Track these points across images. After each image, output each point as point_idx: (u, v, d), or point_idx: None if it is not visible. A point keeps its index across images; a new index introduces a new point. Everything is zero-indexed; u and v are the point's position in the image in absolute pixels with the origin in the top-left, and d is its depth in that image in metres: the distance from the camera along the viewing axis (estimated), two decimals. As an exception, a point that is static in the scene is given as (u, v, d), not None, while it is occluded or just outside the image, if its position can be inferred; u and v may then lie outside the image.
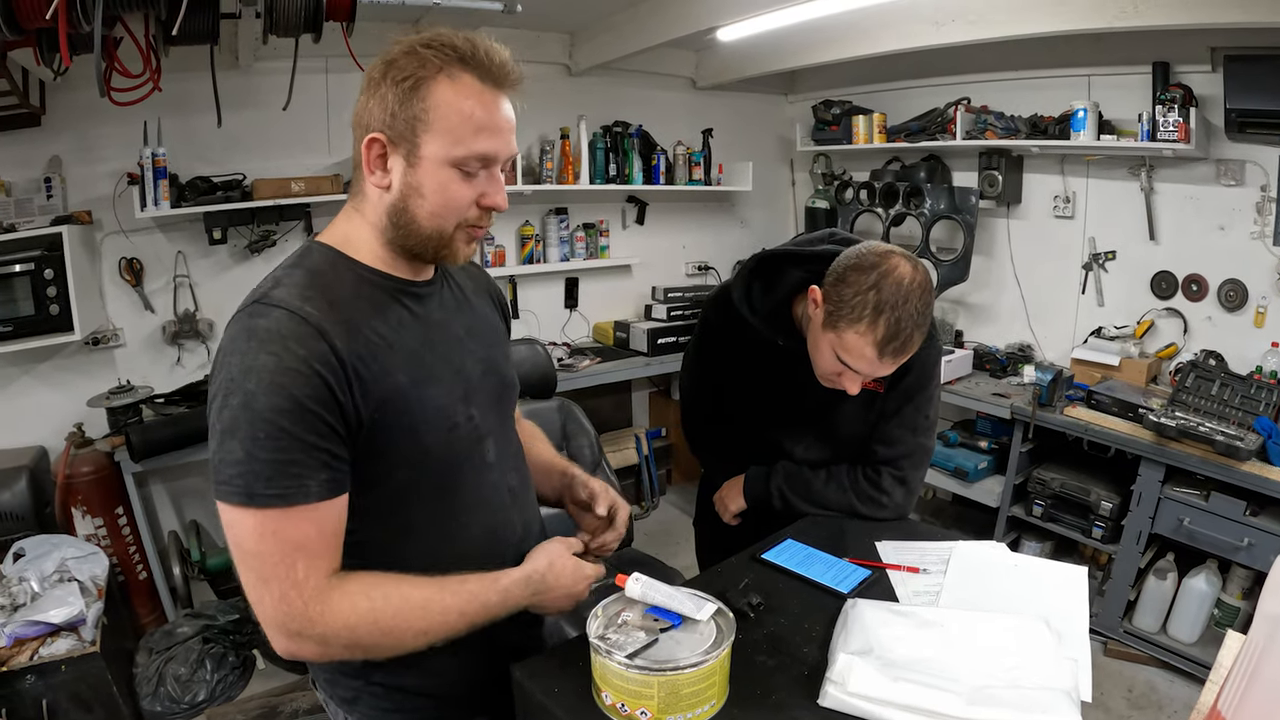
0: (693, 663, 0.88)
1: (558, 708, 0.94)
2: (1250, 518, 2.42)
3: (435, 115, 0.87)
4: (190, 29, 2.10)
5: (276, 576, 0.85)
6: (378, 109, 0.89)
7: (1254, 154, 2.70)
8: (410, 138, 0.88)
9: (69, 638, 2.15)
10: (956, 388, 3.16)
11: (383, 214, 0.93)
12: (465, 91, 0.88)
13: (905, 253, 1.27)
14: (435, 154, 0.89)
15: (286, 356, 0.84)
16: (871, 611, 1.09)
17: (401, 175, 0.90)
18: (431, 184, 0.90)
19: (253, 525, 0.84)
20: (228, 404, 0.83)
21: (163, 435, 2.48)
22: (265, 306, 0.87)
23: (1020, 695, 0.92)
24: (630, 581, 0.99)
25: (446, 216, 0.92)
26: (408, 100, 0.87)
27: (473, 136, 0.89)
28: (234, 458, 0.83)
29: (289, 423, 0.83)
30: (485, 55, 0.89)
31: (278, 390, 0.83)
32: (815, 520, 1.49)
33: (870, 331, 1.22)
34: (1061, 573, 1.28)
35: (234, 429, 0.83)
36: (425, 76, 0.87)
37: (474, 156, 0.90)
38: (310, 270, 0.92)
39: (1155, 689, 2.64)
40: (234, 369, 0.84)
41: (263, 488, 0.83)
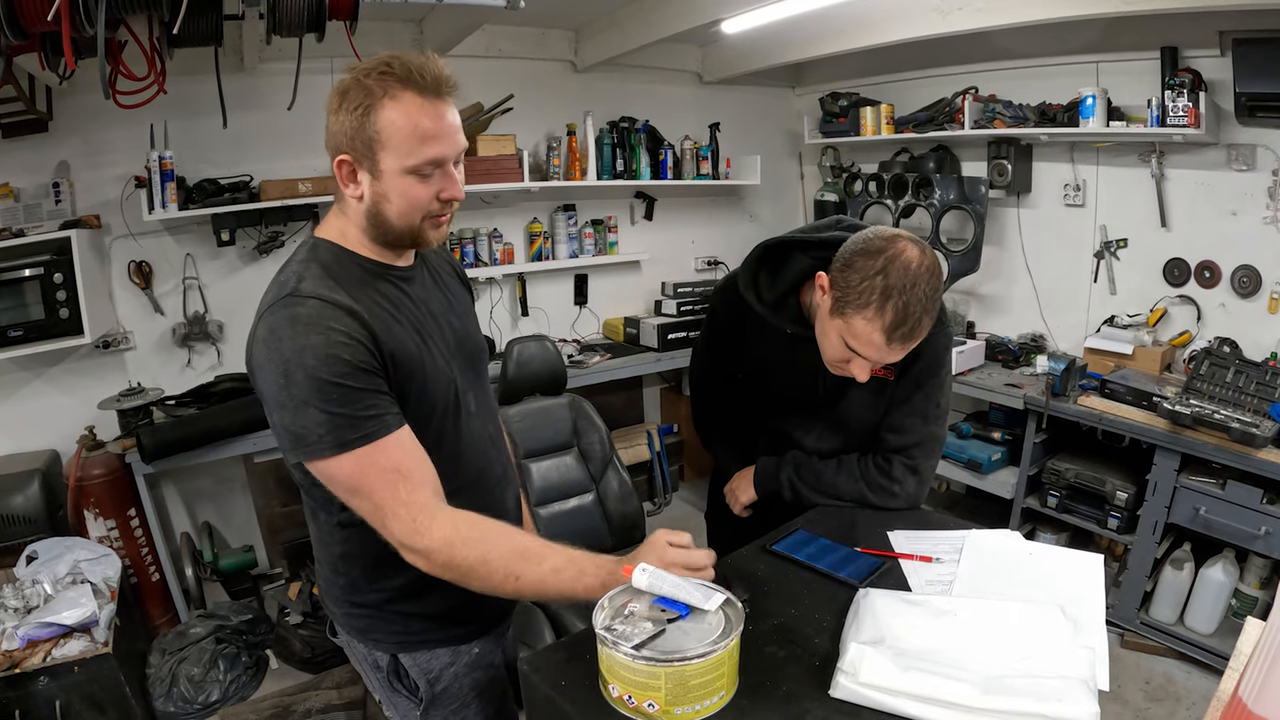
0: (700, 653, 0.86)
1: (565, 700, 0.93)
2: (1267, 505, 2.38)
3: (386, 135, 1.01)
4: (193, 30, 2.10)
5: (386, 501, 1.01)
6: (340, 133, 1.03)
7: (1265, 138, 2.66)
8: (370, 155, 1.02)
9: (82, 639, 2.17)
10: (969, 379, 3.13)
11: (361, 217, 1.09)
12: (408, 108, 1.01)
13: (913, 237, 1.25)
14: (393, 166, 1.03)
15: (333, 334, 0.99)
16: (883, 601, 1.08)
17: (369, 186, 1.05)
18: (395, 191, 1.04)
19: (352, 466, 1.00)
20: (292, 381, 0.97)
21: (174, 436, 2.49)
22: (299, 298, 1.01)
23: (1035, 684, 0.90)
24: (637, 572, 0.98)
25: (412, 214, 1.07)
26: (361, 125, 1.01)
27: (421, 146, 1.02)
28: (316, 420, 0.98)
29: (353, 381, 0.99)
30: (419, 73, 1.01)
31: (335, 360, 0.98)
32: (826, 511, 1.47)
33: (878, 317, 1.20)
34: (1077, 561, 1.27)
35: (307, 399, 0.97)
36: (372, 104, 1.00)
37: (425, 163, 1.03)
38: (323, 264, 1.07)
39: (1173, 681, 2.61)
40: (287, 352, 0.98)
41: (350, 434, 0.99)
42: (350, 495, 1.03)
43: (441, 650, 1.24)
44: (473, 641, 1.27)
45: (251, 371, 1.04)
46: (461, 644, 1.25)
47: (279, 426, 1.02)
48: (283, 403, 0.98)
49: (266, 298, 1.06)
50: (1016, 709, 0.86)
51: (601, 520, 2.75)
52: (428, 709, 1.24)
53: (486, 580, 1.03)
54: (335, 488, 1.04)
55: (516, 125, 3.27)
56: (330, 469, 1.01)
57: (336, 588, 1.22)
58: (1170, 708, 2.49)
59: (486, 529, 1.05)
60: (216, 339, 2.95)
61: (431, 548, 1.02)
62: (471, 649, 1.26)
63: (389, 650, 1.23)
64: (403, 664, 1.23)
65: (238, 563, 2.79)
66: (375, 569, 1.16)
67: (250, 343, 1.04)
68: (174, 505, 2.99)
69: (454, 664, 1.25)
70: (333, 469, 1.01)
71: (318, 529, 1.21)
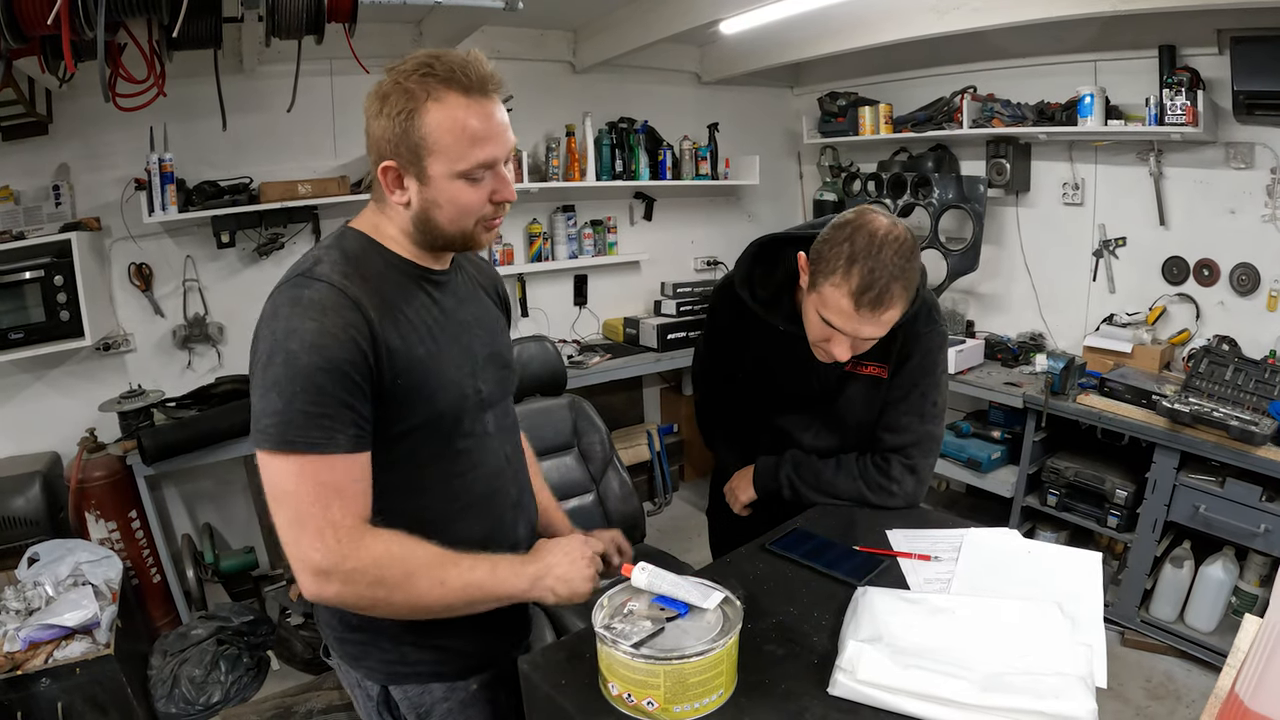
0: (699, 651, 0.87)
1: (565, 700, 0.93)
2: (1267, 503, 2.39)
3: (433, 140, 0.96)
4: (193, 33, 2.11)
5: (312, 515, 0.94)
6: (383, 138, 0.98)
7: (1263, 136, 2.66)
8: (416, 161, 0.98)
9: (83, 641, 2.17)
10: (968, 377, 3.13)
11: (408, 222, 1.04)
12: (454, 110, 0.96)
13: (885, 211, 1.28)
14: (442, 172, 0.98)
15: (327, 323, 0.94)
16: (882, 599, 1.09)
17: (417, 192, 1.00)
18: (445, 196, 1.00)
19: (287, 469, 0.93)
20: (271, 362, 0.93)
21: (174, 438, 2.49)
22: (309, 279, 0.97)
23: (1033, 681, 0.90)
24: (636, 571, 0.99)
25: (465, 219, 1.03)
26: (406, 130, 0.96)
27: (470, 149, 0.97)
28: (273, 408, 0.93)
29: (325, 380, 0.93)
30: (463, 72, 0.96)
31: (317, 350, 0.93)
32: (825, 510, 1.47)
33: (844, 282, 1.22)
34: (1075, 558, 1.27)
35: (276, 384, 0.93)
36: (415, 107, 0.95)
37: (476, 166, 0.98)
38: (346, 252, 1.02)
39: (1173, 679, 2.61)
40: (279, 332, 0.94)
41: (296, 434, 0.92)
42: (273, 500, 0.95)
43: (436, 685, 1.16)
44: (472, 677, 1.18)
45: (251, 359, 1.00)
46: (459, 679, 1.17)
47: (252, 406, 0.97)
48: (255, 381, 0.95)
49: (282, 277, 1.02)
50: (1014, 706, 0.86)
51: (602, 520, 2.75)
52: None
53: (414, 597, 0.98)
54: (265, 484, 0.96)
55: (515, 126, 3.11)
56: (264, 462, 0.94)
57: (328, 611, 1.15)
58: (1171, 706, 2.50)
59: (409, 543, 0.98)
60: (217, 341, 2.96)
61: (357, 570, 0.94)
62: (470, 684, 1.18)
63: (379, 681, 1.16)
64: (393, 696, 1.17)
65: (239, 564, 2.79)
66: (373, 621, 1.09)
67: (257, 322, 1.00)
68: (175, 507, 2.99)
69: (448, 700, 1.17)
70: (267, 463, 0.94)
71: None
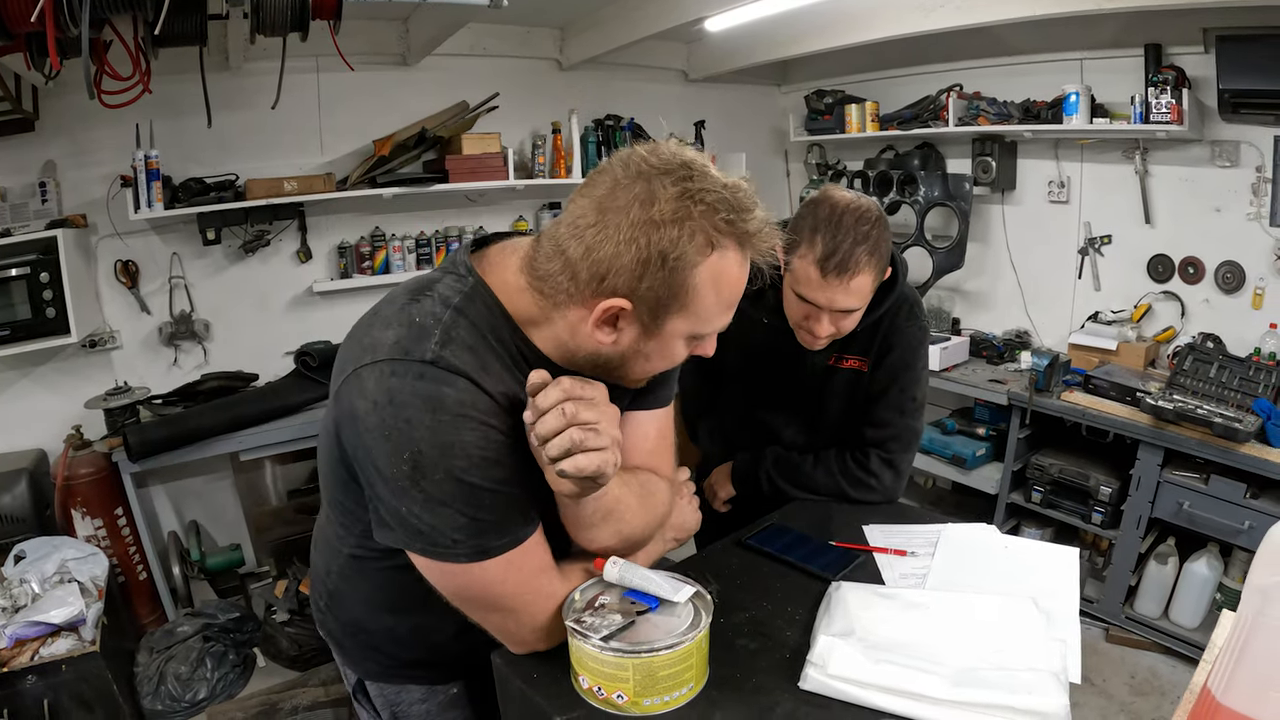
0: (668, 645, 0.87)
1: (536, 693, 0.94)
2: (1251, 500, 2.40)
3: (693, 298, 0.82)
4: (177, 30, 2.11)
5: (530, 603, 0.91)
6: (627, 268, 0.79)
7: (1248, 134, 2.68)
8: (658, 314, 0.83)
9: (69, 638, 2.16)
10: (953, 374, 3.15)
11: (589, 349, 0.87)
12: (725, 276, 0.82)
13: (849, 189, 1.33)
14: (677, 330, 0.85)
15: (491, 433, 0.83)
16: (855, 594, 1.09)
17: (634, 340, 0.86)
18: (662, 351, 0.87)
19: (494, 574, 0.86)
20: (426, 476, 0.80)
21: (159, 435, 2.49)
22: (445, 373, 0.81)
23: (1006, 676, 0.91)
24: (608, 565, 0.99)
25: (653, 371, 0.91)
26: (669, 281, 0.80)
27: (719, 316, 0.86)
28: (455, 524, 0.82)
29: (507, 488, 0.84)
30: (745, 222, 0.81)
31: (491, 464, 0.82)
32: (803, 505, 1.48)
33: (809, 251, 1.26)
34: (1052, 554, 1.28)
35: (448, 500, 0.81)
36: (695, 261, 0.79)
37: (713, 332, 0.88)
38: (476, 326, 0.85)
39: (1157, 675, 2.63)
40: (423, 442, 0.79)
41: (496, 540, 0.85)
42: (479, 608, 0.90)
43: (414, 687, 1.14)
44: (452, 682, 1.15)
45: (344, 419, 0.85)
46: (438, 683, 1.14)
47: (392, 510, 0.84)
48: (406, 490, 0.81)
49: (385, 332, 0.84)
50: (987, 701, 0.87)
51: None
52: None
53: None
54: (460, 596, 0.90)
55: (502, 123, 3.26)
56: (463, 578, 0.86)
57: (323, 597, 1.13)
58: (1155, 701, 2.51)
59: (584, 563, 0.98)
60: (203, 338, 2.95)
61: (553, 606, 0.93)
62: (450, 689, 1.15)
63: (356, 672, 1.16)
64: (368, 689, 1.15)
65: (225, 561, 2.79)
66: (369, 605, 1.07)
67: (351, 380, 0.83)
68: (162, 504, 2.98)
69: (426, 701, 1.14)
70: (467, 579, 0.86)
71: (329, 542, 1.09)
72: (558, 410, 0.80)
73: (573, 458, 0.80)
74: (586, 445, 0.81)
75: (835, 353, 1.50)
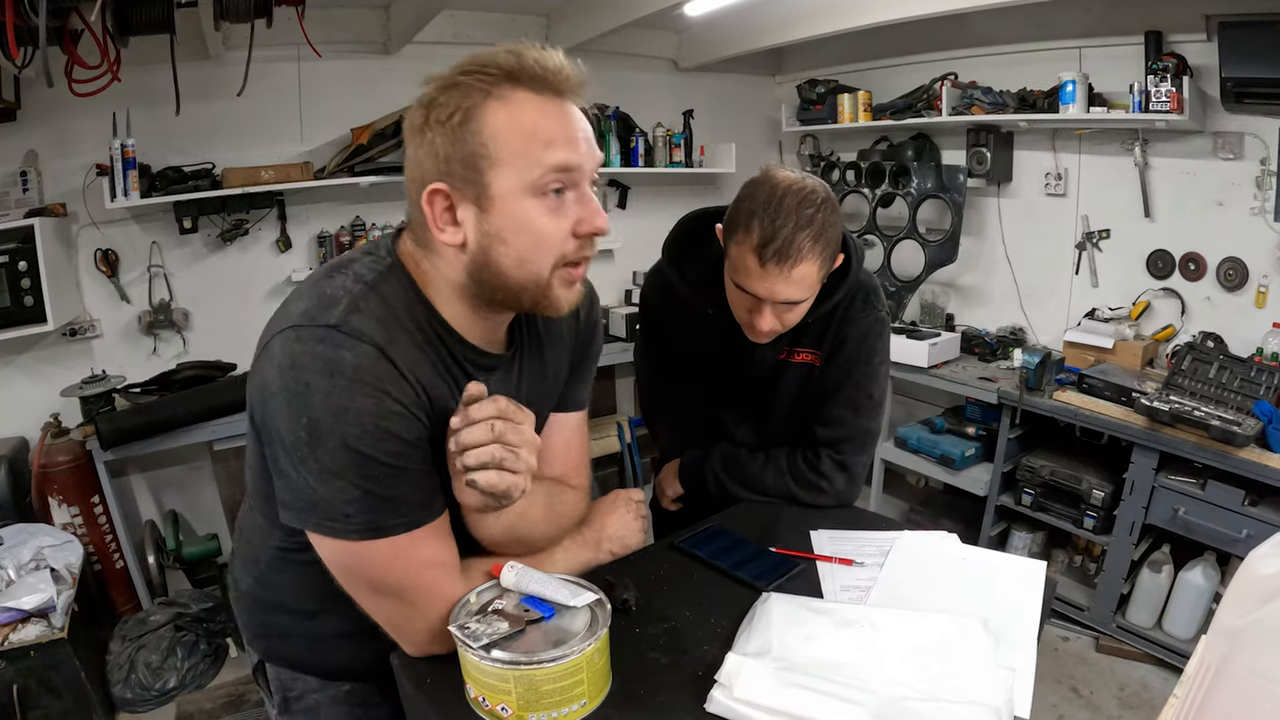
0: (551, 658, 0.82)
1: (426, 700, 0.90)
2: (1249, 507, 2.31)
3: (496, 144, 0.78)
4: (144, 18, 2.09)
5: (422, 599, 0.88)
6: (428, 158, 0.80)
7: (1252, 125, 2.57)
8: (475, 178, 0.79)
9: (39, 624, 2.17)
10: (943, 372, 3.07)
11: (462, 272, 0.85)
12: (522, 110, 0.79)
13: (794, 169, 1.23)
14: (508, 187, 0.79)
15: (387, 401, 0.79)
16: (783, 607, 1.01)
17: (476, 225, 0.81)
18: (513, 224, 0.81)
19: (384, 555, 0.84)
20: (321, 445, 0.78)
21: (132, 424, 2.48)
22: (346, 338, 0.78)
23: (937, 709, 0.83)
24: (505, 569, 0.94)
25: (539, 259, 0.83)
26: (460, 137, 0.78)
27: (544, 151, 0.79)
28: (348, 497, 0.80)
29: (403, 461, 0.82)
30: (535, 64, 0.79)
31: (385, 435, 0.79)
32: (751, 507, 1.41)
33: (747, 238, 1.17)
34: (1016, 568, 1.17)
35: (340, 471, 0.79)
36: (473, 106, 0.78)
37: (552, 172, 0.80)
38: (388, 301, 0.84)
39: (1149, 687, 2.54)
40: (318, 408, 0.77)
41: (389, 519, 0.82)
42: (368, 591, 0.87)
43: (310, 678, 1.10)
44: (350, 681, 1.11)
45: (254, 390, 0.84)
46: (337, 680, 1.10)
47: (289, 479, 0.82)
48: (304, 462, 0.79)
49: (298, 304, 0.83)
50: (910, 738, 0.79)
51: (563, 513, 2.73)
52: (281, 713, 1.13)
53: None
54: (348, 577, 0.87)
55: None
56: (352, 556, 0.83)
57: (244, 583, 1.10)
58: (1145, 715, 2.43)
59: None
60: (182, 327, 2.94)
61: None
62: (341, 685, 1.11)
63: (258, 652, 1.13)
64: (267, 670, 1.13)
65: (201, 551, 2.79)
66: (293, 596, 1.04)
67: (261, 353, 0.82)
68: (141, 493, 2.99)
69: (318, 691, 1.11)
70: (356, 557, 0.83)
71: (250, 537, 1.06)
72: (486, 425, 0.81)
73: (486, 472, 0.81)
74: (504, 465, 0.82)
75: (786, 346, 1.42)
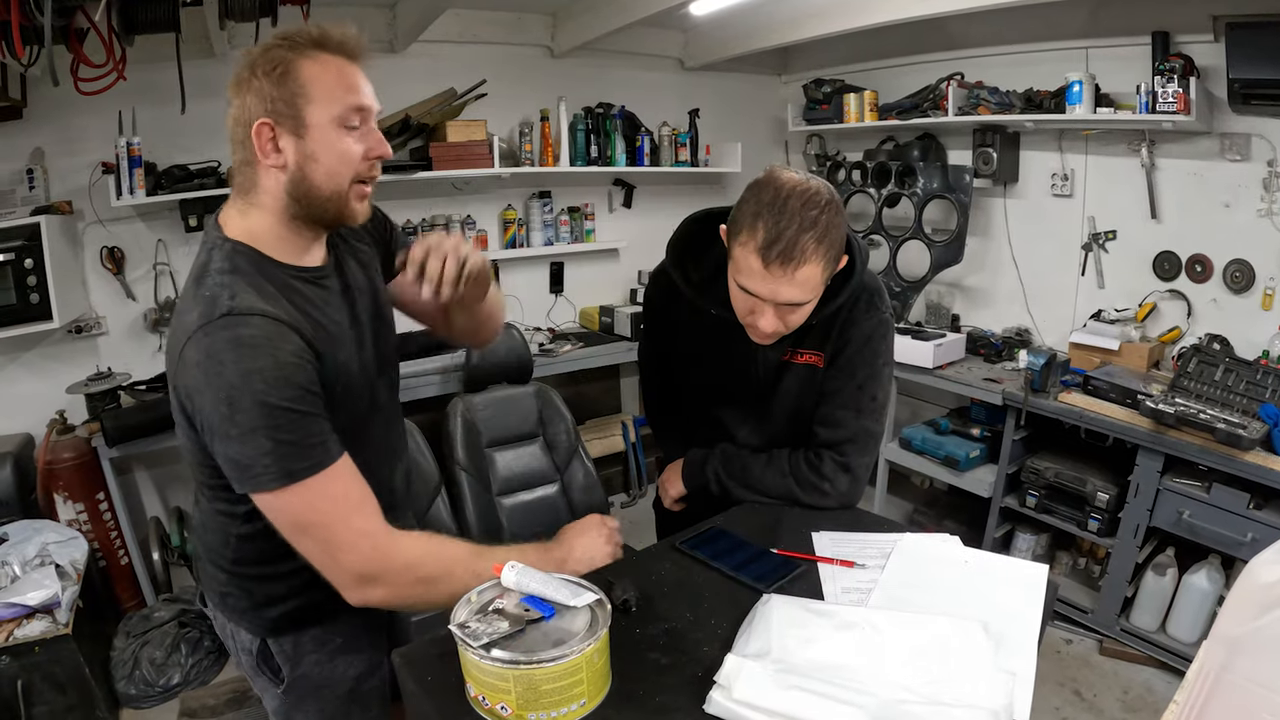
0: (551, 658, 0.82)
1: (426, 698, 0.90)
2: (1254, 511, 2.29)
3: (311, 87, 1.00)
4: (149, 17, 2.10)
5: (339, 532, 1.00)
6: (255, 102, 1.00)
7: (1260, 127, 2.55)
8: (294, 113, 1.00)
9: (44, 620, 2.18)
10: (947, 373, 3.06)
11: (282, 193, 1.03)
12: (328, 65, 1.02)
13: (798, 170, 1.22)
14: (320, 118, 1.01)
15: (281, 354, 0.96)
16: (783, 609, 1.00)
17: (294, 148, 1.01)
18: (323, 146, 1.02)
19: (302, 498, 0.97)
20: (238, 408, 0.93)
21: (137, 421, 2.49)
22: (240, 317, 0.95)
23: (937, 713, 0.82)
24: (506, 569, 0.95)
25: (342, 173, 1.04)
26: (282, 83, 0.99)
27: (346, 94, 1.02)
28: (263, 450, 0.94)
29: (302, 405, 0.97)
30: (335, 34, 1.03)
31: (285, 384, 0.95)
32: (753, 508, 1.40)
33: (751, 239, 1.16)
34: (1018, 571, 1.16)
35: (255, 428, 0.93)
36: (291, 59, 1.00)
37: (352, 109, 1.02)
38: (247, 275, 1.01)
39: (1152, 691, 2.53)
40: (232, 377, 0.93)
41: (298, 463, 0.96)
42: (297, 533, 0.99)
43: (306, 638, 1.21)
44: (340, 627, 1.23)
45: (183, 395, 0.97)
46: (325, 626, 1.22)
47: (223, 457, 0.97)
48: (228, 432, 0.94)
49: (190, 314, 0.97)
50: (907, 740, 0.78)
51: (566, 511, 2.74)
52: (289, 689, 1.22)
53: (450, 588, 1.00)
54: (281, 522, 1.00)
55: (491, 111, 3.23)
56: (277, 503, 0.97)
57: (211, 565, 1.20)
58: (1148, 718, 2.42)
59: (440, 540, 1.07)
60: (188, 325, 2.96)
61: (397, 569, 1.02)
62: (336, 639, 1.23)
63: (259, 634, 1.20)
64: (270, 648, 1.21)
65: (206, 548, 2.79)
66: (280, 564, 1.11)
67: (178, 364, 0.97)
68: (147, 490, 3.00)
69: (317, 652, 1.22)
70: (281, 501, 0.97)
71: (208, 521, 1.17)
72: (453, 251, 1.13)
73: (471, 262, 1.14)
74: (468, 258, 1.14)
75: (790, 347, 1.42)
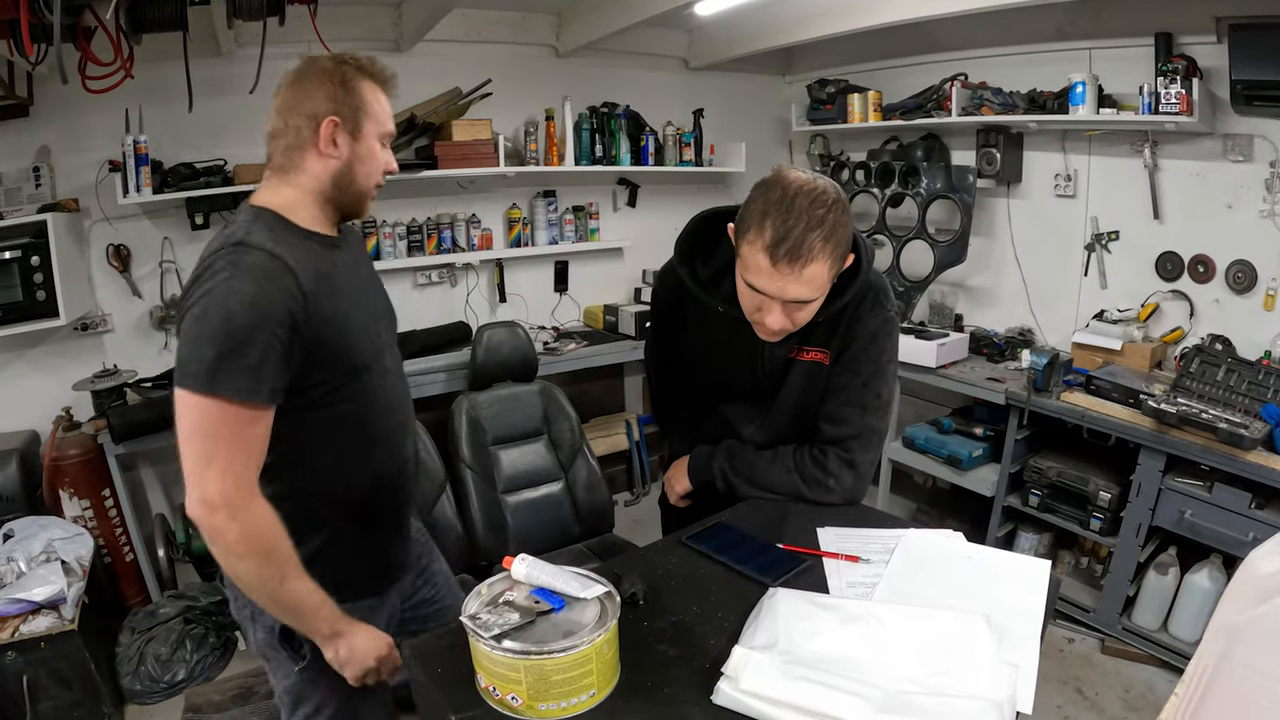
0: (562, 648, 0.84)
1: (437, 689, 0.91)
2: (1256, 510, 2.30)
3: (368, 106, 1.20)
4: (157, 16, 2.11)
5: (220, 456, 1.05)
6: (325, 101, 1.16)
7: (1262, 128, 2.55)
8: (355, 121, 1.19)
9: (49, 616, 2.20)
10: (950, 372, 3.06)
11: (326, 180, 1.20)
12: (378, 93, 1.23)
13: (805, 170, 1.24)
14: (371, 131, 1.21)
15: (266, 286, 1.06)
16: (789, 602, 1.02)
17: (349, 147, 1.19)
18: (368, 152, 1.22)
19: (209, 411, 1.04)
20: (206, 316, 1.03)
21: (143, 417, 2.51)
22: (248, 248, 1.07)
23: (941, 704, 0.83)
24: (516, 562, 0.96)
25: (374, 176, 1.24)
26: (349, 93, 1.17)
27: (386, 120, 1.25)
28: (204, 356, 1.02)
29: (261, 336, 1.04)
30: (384, 71, 1.25)
31: (254, 309, 1.04)
32: (758, 504, 1.42)
33: (759, 237, 1.18)
34: (1021, 566, 1.17)
35: (210, 336, 1.02)
36: (357, 78, 1.19)
37: (387, 133, 1.25)
38: (268, 224, 1.14)
39: (1154, 690, 2.54)
40: (216, 290, 1.03)
41: (225, 381, 1.03)
42: (189, 437, 1.05)
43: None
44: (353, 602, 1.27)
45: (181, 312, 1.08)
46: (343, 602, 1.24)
47: (177, 350, 1.07)
48: (186, 332, 1.04)
49: (210, 247, 1.11)
50: (913, 732, 0.79)
51: (570, 509, 2.74)
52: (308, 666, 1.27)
53: (261, 566, 1.10)
54: (182, 424, 1.06)
55: (496, 110, 3.24)
56: (188, 403, 1.04)
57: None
58: (1150, 718, 2.42)
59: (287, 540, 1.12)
60: (194, 323, 2.97)
61: (251, 521, 1.07)
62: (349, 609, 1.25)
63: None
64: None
65: (210, 545, 2.80)
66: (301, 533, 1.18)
67: (188, 285, 1.09)
68: (152, 487, 3.01)
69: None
70: (191, 404, 1.04)
71: None
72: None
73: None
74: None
75: (796, 344, 1.43)
